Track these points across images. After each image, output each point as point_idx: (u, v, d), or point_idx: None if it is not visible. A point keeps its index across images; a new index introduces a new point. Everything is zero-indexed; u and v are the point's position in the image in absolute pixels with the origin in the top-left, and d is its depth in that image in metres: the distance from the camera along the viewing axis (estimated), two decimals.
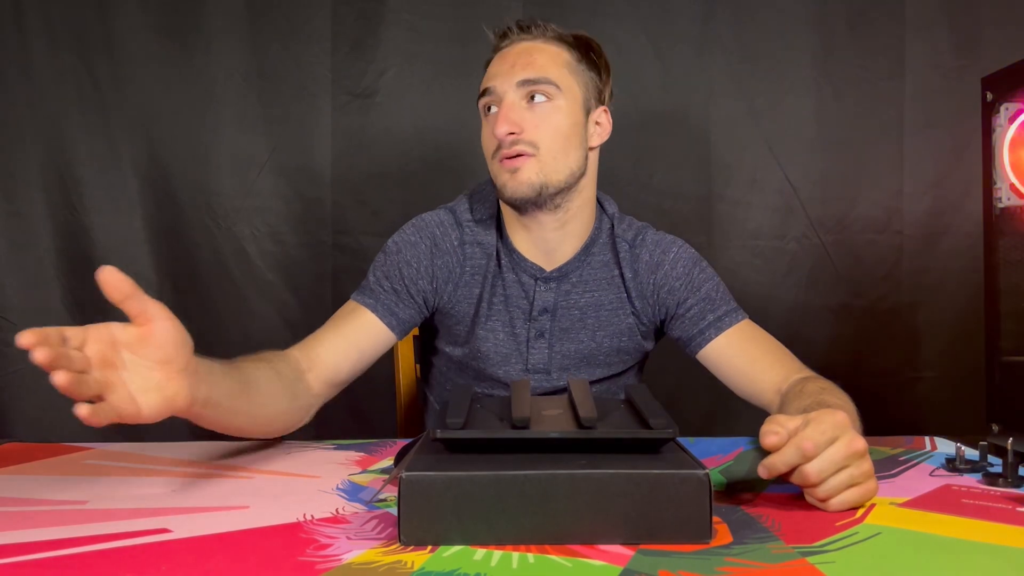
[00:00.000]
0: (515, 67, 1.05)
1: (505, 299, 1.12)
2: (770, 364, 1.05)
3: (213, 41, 1.71)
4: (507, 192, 1.04)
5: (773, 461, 0.70)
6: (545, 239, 1.10)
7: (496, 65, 1.07)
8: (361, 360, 1.06)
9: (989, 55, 1.72)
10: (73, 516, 0.69)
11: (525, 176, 1.03)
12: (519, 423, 0.67)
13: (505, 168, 1.04)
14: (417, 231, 1.12)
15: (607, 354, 1.15)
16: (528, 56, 1.05)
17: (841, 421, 0.71)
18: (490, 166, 1.08)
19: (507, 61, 1.06)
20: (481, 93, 1.08)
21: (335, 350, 1.03)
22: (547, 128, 1.03)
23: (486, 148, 1.08)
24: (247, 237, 1.74)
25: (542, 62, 1.05)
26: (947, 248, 1.77)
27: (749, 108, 1.76)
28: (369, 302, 1.08)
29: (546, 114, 1.04)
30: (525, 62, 1.05)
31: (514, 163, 1.03)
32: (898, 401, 1.78)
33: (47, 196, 1.71)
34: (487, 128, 1.07)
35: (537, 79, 1.03)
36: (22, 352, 0.64)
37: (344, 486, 0.80)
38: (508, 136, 1.02)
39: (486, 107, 1.07)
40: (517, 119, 1.02)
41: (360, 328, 1.06)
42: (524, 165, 1.03)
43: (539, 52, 1.06)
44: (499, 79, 1.05)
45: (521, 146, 1.02)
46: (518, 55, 1.06)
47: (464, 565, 0.57)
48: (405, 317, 1.09)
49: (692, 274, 1.13)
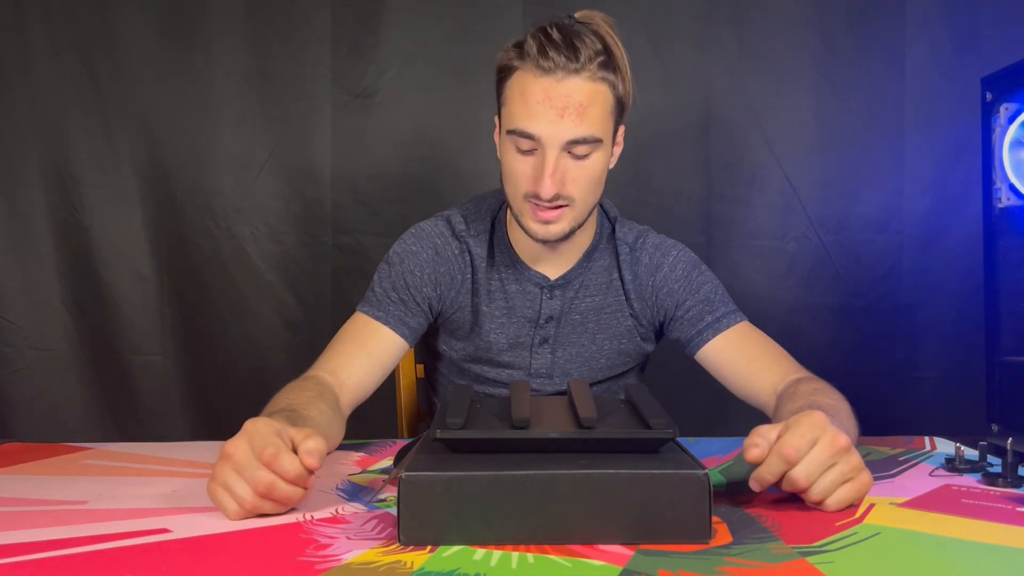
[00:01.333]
0: (564, 119, 0.96)
1: (508, 310, 1.12)
2: (767, 365, 1.05)
3: (213, 41, 1.71)
4: (536, 236, 1.02)
5: (760, 473, 0.70)
6: (550, 247, 1.09)
7: (540, 103, 0.96)
8: (384, 375, 1.07)
9: (989, 55, 1.72)
10: (73, 516, 0.69)
11: (560, 227, 1.01)
12: (519, 423, 0.67)
13: (539, 218, 1.01)
14: (418, 240, 1.12)
15: (608, 356, 1.15)
16: (579, 107, 0.96)
17: (818, 421, 0.71)
18: (514, 202, 1.03)
19: (554, 106, 0.96)
20: (519, 132, 0.98)
21: (363, 371, 1.03)
22: (585, 181, 1.00)
23: (514, 182, 1.01)
24: (247, 237, 1.74)
25: (591, 115, 0.97)
26: (947, 248, 1.77)
27: (749, 108, 1.76)
28: (380, 315, 1.08)
29: (585, 168, 0.99)
30: (576, 114, 0.96)
31: (548, 216, 1.00)
32: (898, 401, 1.78)
33: (47, 196, 1.71)
34: (520, 165, 1.00)
35: (586, 138, 0.97)
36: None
37: (344, 486, 0.80)
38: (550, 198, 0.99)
39: (521, 146, 0.99)
40: (561, 176, 0.98)
41: (379, 344, 1.06)
42: (559, 218, 1.01)
43: (588, 99, 0.97)
44: (546, 129, 0.96)
45: (559, 200, 1.00)
46: (567, 101, 0.96)
47: (464, 565, 0.57)
48: (415, 325, 1.10)
49: (691, 276, 1.13)
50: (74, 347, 1.72)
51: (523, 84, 0.98)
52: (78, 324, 1.73)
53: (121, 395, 1.73)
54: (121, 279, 1.72)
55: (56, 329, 1.72)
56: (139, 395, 1.73)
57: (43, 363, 1.71)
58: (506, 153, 1.02)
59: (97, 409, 1.74)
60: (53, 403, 1.73)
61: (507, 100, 1.01)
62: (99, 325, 1.73)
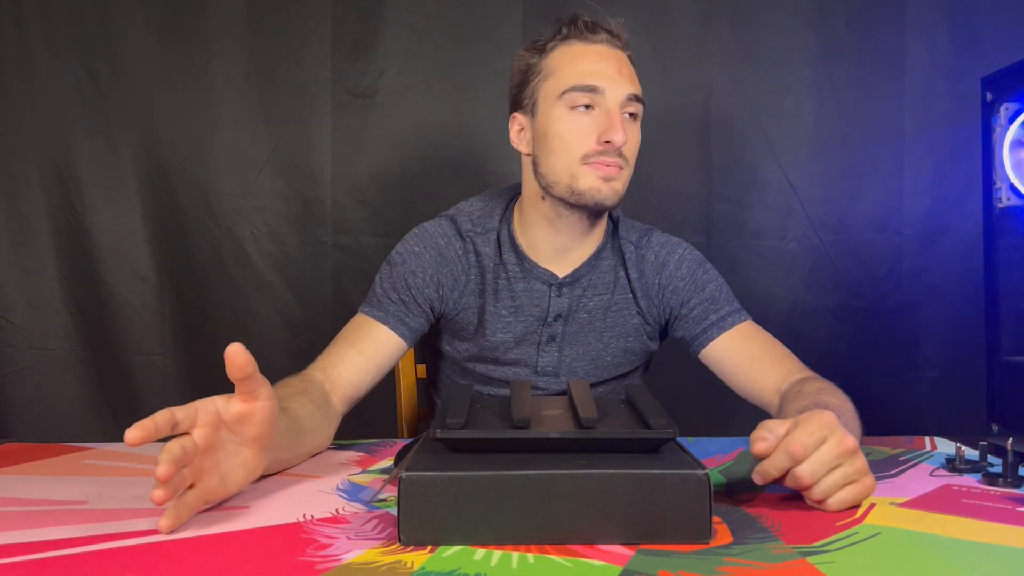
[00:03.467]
0: (622, 75, 1.03)
1: (515, 308, 1.12)
2: (771, 364, 1.05)
3: (213, 41, 1.71)
4: (596, 197, 1.03)
5: (765, 467, 0.70)
6: (570, 240, 1.10)
7: (597, 62, 1.03)
8: (379, 373, 1.06)
9: (989, 55, 1.72)
10: (73, 516, 0.69)
11: (618, 186, 1.04)
12: (519, 423, 0.67)
13: (601, 174, 1.03)
14: (421, 241, 1.12)
15: (614, 355, 1.16)
16: (629, 68, 1.06)
17: (828, 421, 0.71)
18: (569, 163, 1.03)
19: (611, 64, 1.04)
20: (582, 87, 1.02)
21: (355, 367, 1.03)
22: (635, 145, 1.06)
23: (573, 142, 1.03)
24: (247, 237, 1.74)
25: (636, 79, 1.06)
26: (947, 248, 1.77)
27: (749, 108, 1.77)
28: (380, 315, 1.08)
29: (636, 131, 1.06)
30: (629, 74, 1.05)
31: (612, 172, 1.03)
32: (898, 401, 1.78)
33: (47, 196, 1.71)
34: (580, 122, 1.03)
35: (639, 96, 1.05)
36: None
37: (344, 486, 0.80)
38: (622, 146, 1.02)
39: (579, 101, 1.03)
40: (625, 130, 1.02)
41: (375, 342, 1.06)
42: (619, 176, 1.04)
43: (630, 67, 1.07)
44: (609, 82, 1.02)
45: (620, 158, 1.03)
46: (620, 63, 1.05)
47: (464, 565, 0.57)
48: (415, 326, 1.10)
49: (696, 275, 1.13)
50: (74, 347, 1.72)
51: (573, 51, 1.05)
52: (78, 324, 1.73)
53: (121, 395, 1.73)
54: (121, 279, 1.72)
55: (56, 329, 1.72)
56: (139, 395, 1.73)
57: (43, 363, 1.71)
58: (557, 121, 1.04)
59: (97, 409, 1.74)
60: (53, 403, 1.73)
61: (555, 69, 1.05)
62: (99, 325, 1.73)
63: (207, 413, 0.67)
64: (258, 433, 0.71)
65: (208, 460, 0.68)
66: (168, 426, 0.64)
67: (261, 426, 0.71)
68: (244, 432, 0.70)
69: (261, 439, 0.71)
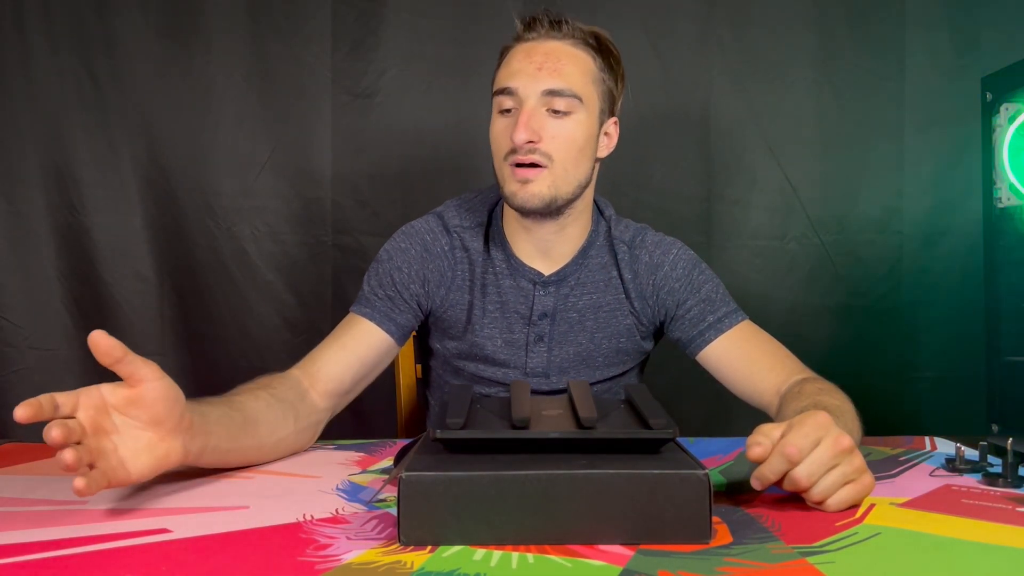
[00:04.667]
0: (542, 71, 1.01)
1: (501, 305, 1.12)
2: (770, 365, 1.05)
3: (213, 41, 1.71)
4: (516, 201, 1.03)
5: (762, 471, 0.70)
6: (544, 240, 1.10)
7: (520, 61, 1.03)
8: (363, 369, 1.05)
9: (989, 55, 1.72)
10: (73, 516, 0.69)
11: (536, 189, 1.01)
12: (519, 423, 0.67)
13: (517, 177, 1.02)
14: (407, 238, 1.12)
15: (605, 355, 1.15)
16: (556, 61, 1.01)
17: (823, 422, 0.70)
18: (498, 167, 1.05)
19: (533, 61, 1.02)
20: (500, 90, 1.03)
21: (334, 361, 1.02)
22: (564, 141, 1.01)
23: (497, 146, 1.04)
24: (247, 237, 1.74)
25: (569, 71, 1.01)
26: (947, 248, 1.77)
27: (749, 108, 1.76)
28: (366, 311, 1.08)
29: (565, 127, 1.01)
30: (553, 68, 1.01)
31: (527, 173, 1.01)
32: (898, 401, 1.78)
33: (47, 196, 1.71)
34: (500, 126, 1.04)
35: (563, 90, 1.00)
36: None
37: (344, 486, 0.80)
38: (526, 144, 1.00)
39: (503, 105, 1.03)
40: (537, 127, 1.00)
41: (357, 336, 1.05)
42: (537, 177, 1.01)
43: (567, 58, 1.02)
44: (524, 81, 1.01)
45: (537, 156, 1.01)
46: (546, 57, 1.02)
47: (464, 565, 0.57)
48: (403, 322, 1.09)
49: (692, 275, 1.13)
50: (74, 347, 1.72)
51: (509, 54, 1.06)
52: (78, 324, 1.72)
53: None
54: (121, 279, 1.72)
55: (56, 329, 1.71)
56: None
57: (43, 363, 1.71)
58: (491, 127, 1.06)
59: None
60: None
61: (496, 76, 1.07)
62: (99, 325, 1.70)
63: (89, 397, 0.68)
64: (154, 415, 0.70)
65: (103, 442, 0.68)
66: (51, 407, 0.65)
67: (155, 407, 0.70)
68: (140, 416, 0.70)
69: (160, 422, 0.71)
